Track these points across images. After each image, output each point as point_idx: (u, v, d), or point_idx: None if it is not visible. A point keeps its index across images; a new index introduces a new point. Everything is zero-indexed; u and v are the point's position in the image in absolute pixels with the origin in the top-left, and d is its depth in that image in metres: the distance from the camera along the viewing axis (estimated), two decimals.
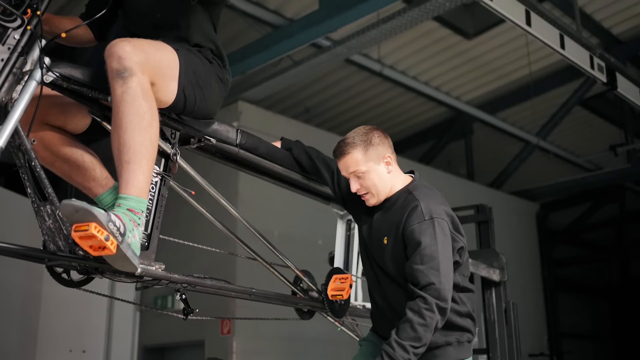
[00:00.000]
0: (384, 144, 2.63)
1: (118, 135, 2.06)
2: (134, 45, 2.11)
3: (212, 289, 2.54)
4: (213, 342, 6.55)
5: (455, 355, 2.54)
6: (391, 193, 2.64)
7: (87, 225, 1.86)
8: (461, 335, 2.54)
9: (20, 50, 1.91)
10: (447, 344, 2.52)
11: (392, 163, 2.64)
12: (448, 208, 2.60)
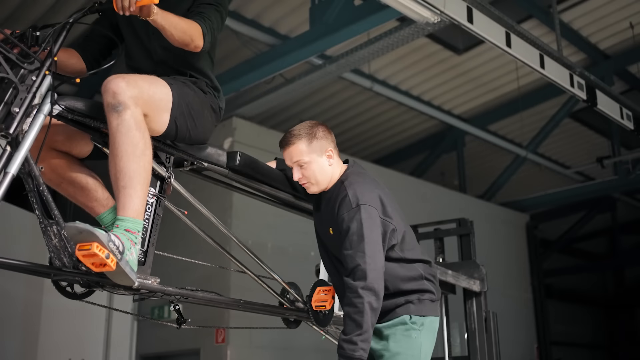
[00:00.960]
0: (327, 138, 2.85)
1: (115, 163, 2.29)
2: (127, 81, 2.33)
3: (203, 300, 2.75)
4: (208, 350, 6.75)
5: (418, 311, 2.72)
6: (330, 185, 2.86)
7: (89, 245, 2.09)
8: (421, 294, 2.74)
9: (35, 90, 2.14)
10: (408, 302, 2.72)
11: (333, 157, 2.85)
12: (378, 192, 2.78)
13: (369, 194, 2.74)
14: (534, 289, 11.53)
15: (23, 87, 2.12)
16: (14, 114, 2.09)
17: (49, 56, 2.21)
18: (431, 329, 2.78)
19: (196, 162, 2.77)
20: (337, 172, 2.86)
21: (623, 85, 10.81)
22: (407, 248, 2.80)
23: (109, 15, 2.81)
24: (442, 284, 4.44)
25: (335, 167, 2.85)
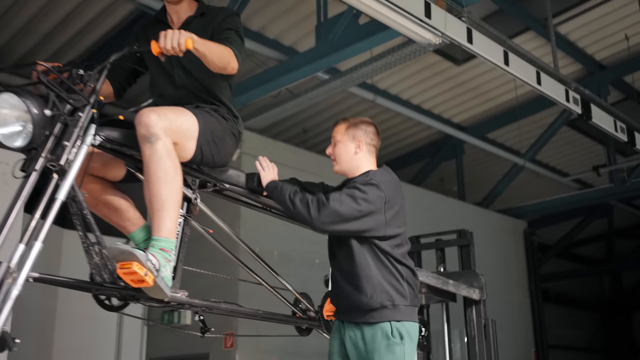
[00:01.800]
0: (366, 133, 3.17)
1: (149, 189, 2.54)
2: (158, 114, 2.58)
3: (226, 311, 3.00)
4: (217, 355, 6.97)
5: (392, 316, 2.90)
6: (352, 173, 3.14)
7: (130, 264, 2.33)
8: (394, 300, 2.91)
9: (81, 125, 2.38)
10: (383, 306, 2.89)
11: (361, 147, 3.14)
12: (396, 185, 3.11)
13: (386, 180, 3.06)
14: (532, 294, 11.75)
15: (72, 122, 2.36)
16: (63, 146, 2.33)
17: (92, 93, 2.45)
18: (412, 338, 2.96)
19: (218, 184, 3.01)
20: (363, 165, 3.15)
21: (619, 94, 11.05)
22: (398, 249, 3.01)
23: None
24: (443, 292, 4.69)
25: (361, 159, 3.15)
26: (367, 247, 2.94)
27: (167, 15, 3.09)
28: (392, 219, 2.98)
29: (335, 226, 2.89)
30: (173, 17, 3.06)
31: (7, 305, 2.11)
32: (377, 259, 2.93)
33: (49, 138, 2.33)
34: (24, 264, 2.19)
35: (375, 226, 2.93)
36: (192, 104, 2.90)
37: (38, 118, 2.28)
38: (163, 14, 3.12)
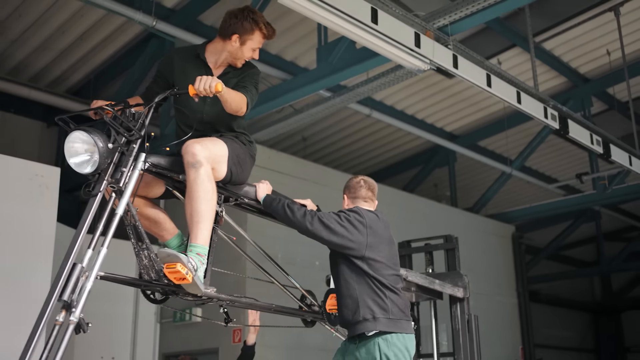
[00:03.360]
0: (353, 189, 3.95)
1: (191, 205, 3.14)
2: (201, 145, 3.19)
3: (246, 305, 3.60)
4: (226, 349, 7.53)
5: (373, 327, 3.44)
6: None
7: (175, 264, 2.94)
8: (374, 313, 3.47)
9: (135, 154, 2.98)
10: (365, 319, 3.47)
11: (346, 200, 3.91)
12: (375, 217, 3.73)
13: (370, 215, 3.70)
14: (519, 295, 12.30)
15: (127, 151, 2.97)
16: (121, 171, 2.94)
17: (142, 127, 3.05)
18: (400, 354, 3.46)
19: (239, 199, 3.62)
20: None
21: (602, 105, 11.63)
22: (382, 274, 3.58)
23: (167, 77, 3.65)
24: (431, 291, 5.29)
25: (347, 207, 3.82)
26: (353, 269, 3.57)
27: (205, 54, 3.65)
28: (374, 246, 3.58)
29: (323, 234, 3.51)
30: (211, 59, 3.64)
31: (82, 297, 2.71)
32: (361, 281, 3.54)
33: (110, 165, 2.93)
34: (94, 265, 2.78)
35: (356, 246, 3.55)
36: (217, 133, 3.51)
37: (103, 150, 2.88)
38: (202, 51, 3.66)
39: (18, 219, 6.12)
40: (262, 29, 3.59)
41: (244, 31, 3.54)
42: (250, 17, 3.56)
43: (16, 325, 5.87)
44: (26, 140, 10.08)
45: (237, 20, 3.55)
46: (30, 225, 6.16)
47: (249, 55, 3.61)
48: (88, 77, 9.65)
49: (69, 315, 2.68)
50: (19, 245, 6.09)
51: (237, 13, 3.57)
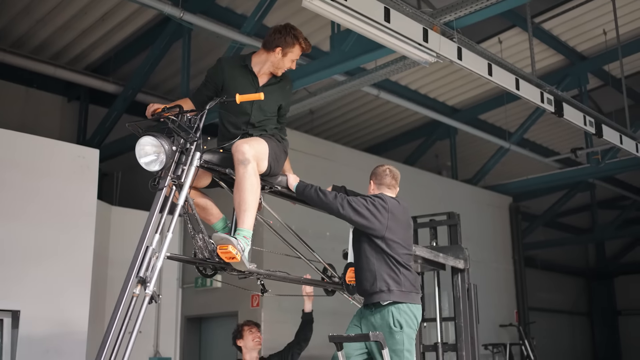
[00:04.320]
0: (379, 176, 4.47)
1: (239, 196, 3.72)
2: (250, 145, 3.77)
3: (279, 278, 4.21)
4: (245, 313, 8.14)
5: (388, 298, 4.10)
6: None
7: (227, 246, 3.54)
8: (389, 286, 4.13)
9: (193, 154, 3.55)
10: (381, 290, 4.12)
11: (374, 187, 4.45)
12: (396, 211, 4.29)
13: (392, 201, 4.29)
14: (515, 262, 12.93)
15: (186, 151, 3.54)
16: (182, 169, 3.51)
17: (198, 130, 3.61)
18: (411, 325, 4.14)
19: (274, 187, 4.21)
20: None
21: (597, 81, 12.12)
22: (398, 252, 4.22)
23: (217, 82, 4.20)
24: (435, 263, 5.89)
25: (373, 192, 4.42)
26: (373, 246, 4.20)
27: (251, 63, 4.21)
28: (393, 228, 4.19)
29: (351, 216, 4.12)
30: (255, 67, 4.20)
31: (154, 274, 3.31)
32: (380, 258, 4.18)
33: (172, 163, 3.51)
34: (162, 247, 3.37)
35: (378, 227, 4.16)
36: (258, 131, 4.09)
37: (168, 151, 3.46)
38: (249, 61, 4.22)
39: (63, 196, 6.75)
40: (301, 43, 4.17)
41: (286, 45, 4.12)
42: (292, 33, 4.14)
43: (62, 291, 6.56)
44: (48, 114, 10.61)
45: (281, 35, 4.13)
46: (74, 201, 6.79)
47: (288, 66, 4.20)
48: (107, 55, 10.12)
49: (144, 289, 3.27)
50: (64, 220, 6.74)
51: (280, 29, 4.16)
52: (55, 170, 6.77)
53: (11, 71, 9.75)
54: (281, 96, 4.22)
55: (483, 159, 13.42)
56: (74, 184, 6.84)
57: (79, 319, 6.60)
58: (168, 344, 8.76)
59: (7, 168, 6.57)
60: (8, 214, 6.48)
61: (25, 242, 6.51)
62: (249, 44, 7.84)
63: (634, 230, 18.59)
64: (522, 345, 12.02)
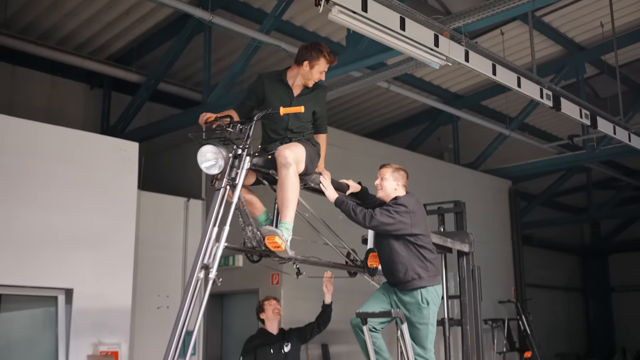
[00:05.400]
0: (403, 177, 5.08)
1: (282, 194, 4.36)
2: (290, 150, 4.41)
3: (311, 262, 4.88)
4: (265, 290, 8.81)
5: (419, 284, 4.82)
6: (388, 198, 5.03)
7: (274, 237, 4.20)
8: (420, 274, 4.84)
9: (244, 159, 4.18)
10: (413, 279, 4.83)
11: (398, 188, 5.05)
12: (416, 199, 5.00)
13: (410, 200, 4.94)
14: (513, 242, 13.60)
15: (239, 156, 4.17)
16: (236, 172, 4.15)
17: (248, 139, 4.24)
18: (435, 303, 4.89)
19: (308, 184, 4.84)
20: (396, 194, 5.05)
21: (594, 70, 12.68)
22: (423, 241, 4.94)
23: (259, 95, 4.82)
24: (442, 247, 6.54)
25: (397, 191, 5.05)
26: (401, 242, 4.88)
27: (286, 77, 4.84)
28: (416, 223, 4.87)
29: (378, 227, 4.84)
30: (290, 81, 4.83)
31: (216, 261, 3.96)
32: (408, 249, 4.86)
33: (228, 167, 4.14)
34: (221, 238, 4.01)
35: (404, 227, 4.85)
36: (296, 138, 4.71)
37: (225, 157, 4.09)
38: (285, 76, 4.85)
39: (108, 187, 7.47)
40: (325, 56, 4.76)
41: (312, 58, 4.73)
42: (317, 48, 4.75)
43: (109, 271, 7.31)
44: (72, 102, 11.18)
45: (307, 51, 4.74)
46: (118, 191, 7.50)
47: (317, 77, 4.80)
48: (130, 45, 10.66)
49: (208, 274, 3.93)
50: (110, 208, 7.46)
51: (307, 45, 4.79)
52: (101, 162, 7.53)
53: (38, 61, 10.32)
54: (314, 104, 4.84)
55: (485, 143, 13.92)
56: (117, 175, 7.56)
57: (123, 296, 7.37)
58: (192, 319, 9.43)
59: (60, 162, 7.35)
60: (62, 204, 7.25)
61: (77, 229, 7.28)
62: (267, 42, 8.44)
63: (629, 210, 19.29)
64: (519, 320, 12.75)
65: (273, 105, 4.68)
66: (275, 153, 4.46)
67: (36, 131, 7.26)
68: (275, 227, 4.40)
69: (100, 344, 7.16)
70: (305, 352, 8.85)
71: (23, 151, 7.11)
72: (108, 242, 7.38)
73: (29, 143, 7.17)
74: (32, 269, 6.85)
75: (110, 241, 7.40)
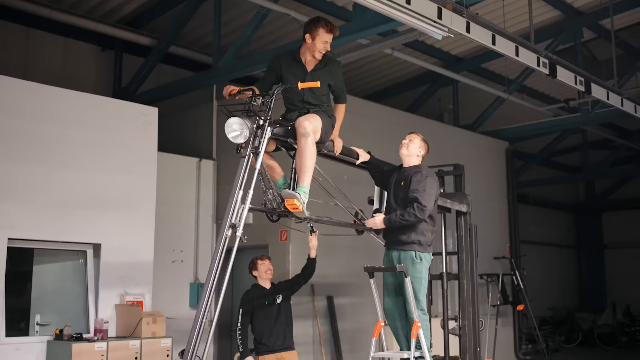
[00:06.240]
0: (425, 150, 5.71)
1: (301, 161, 4.84)
2: (309, 121, 4.87)
3: (323, 222, 5.38)
4: (274, 246, 9.35)
5: (417, 249, 5.43)
6: (409, 164, 5.56)
7: (293, 199, 4.69)
8: (420, 241, 5.43)
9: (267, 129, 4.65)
10: (413, 242, 5.41)
11: (420, 156, 5.64)
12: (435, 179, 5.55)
13: (433, 176, 5.52)
14: (509, 201, 14.11)
15: (261, 126, 4.63)
16: (259, 140, 4.61)
17: (269, 110, 4.69)
18: (427, 260, 5.53)
19: (322, 151, 5.30)
20: (416, 161, 5.63)
21: (591, 34, 13.01)
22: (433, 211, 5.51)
23: (276, 71, 5.26)
24: (443, 207, 7.00)
25: (418, 158, 5.62)
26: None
27: (300, 55, 5.27)
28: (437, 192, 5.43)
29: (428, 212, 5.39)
30: (302, 58, 5.26)
31: (242, 221, 4.45)
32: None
33: (252, 137, 4.61)
34: (246, 200, 4.50)
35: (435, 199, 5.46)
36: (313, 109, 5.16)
37: (250, 128, 4.55)
38: (297, 53, 5.29)
39: (130, 150, 7.98)
40: (323, 25, 5.17)
41: (311, 30, 5.18)
42: (314, 19, 5.22)
43: (133, 228, 7.87)
44: (85, 63, 11.54)
45: (307, 25, 5.24)
46: (139, 154, 8.00)
47: (321, 48, 5.20)
48: (140, 9, 10.96)
49: (235, 232, 4.43)
50: (132, 169, 8.00)
51: (307, 20, 5.22)
52: (125, 127, 8.10)
53: (51, 24, 10.65)
54: (328, 77, 5.27)
55: (484, 104, 14.27)
56: (139, 138, 8.06)
57: (146, 251, 7.96)
58: (205, 272, 10.03)
59: (88, 128, 7.94)
60: (89, 167, 7.86)
61: (103, 189, 7.89)
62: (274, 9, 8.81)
63: (623, 169, 19.76)
64: (513, 276, 13.33)
65: (289, 81, 5.13)
66: (295, 124, 4.91)
67: (63, 98, 7.80)
68: (293, 191, 4.89)
69: (126, 295, 7.75)
70: (312, 303, 9.45)
71: (60, 118, 7.71)
72: (132, 201, 7.94)
73: (63, 111, 7.77)
74: (63, 226, 7.43)
75: (133, 200, 7.96)
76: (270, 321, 6.76)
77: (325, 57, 5.30)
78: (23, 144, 7.35)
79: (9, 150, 7.25)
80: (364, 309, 10.00)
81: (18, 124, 7.34)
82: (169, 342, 7.57)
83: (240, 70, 9.50)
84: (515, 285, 13.38)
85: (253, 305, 6.78)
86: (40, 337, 7.22)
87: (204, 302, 4.35)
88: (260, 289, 6.95)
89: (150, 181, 8.15)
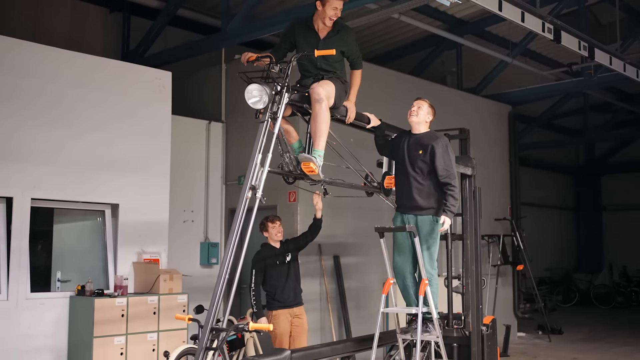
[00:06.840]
0: (432, 115, 5.96)
1: (315, 126, 5.06)
2: (322, 87, 5.07)
3: (337, 184, 5.62)
4: (283, 206, 9.60)
5: (433, 213, 5.77)
6: (421, 131, 5.77)
7: (309, 163, 4.93)
8: (436, 207, 5.76)
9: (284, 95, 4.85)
10: (431, 207, 5.73)
11: (428, 122, 5.90)
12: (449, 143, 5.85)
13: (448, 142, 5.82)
14: (511, 164, 14.35)
15: (279, 92, 4.84)
16: (277, 106, 4.83)
17: (287, 77, 4.89)
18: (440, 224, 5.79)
19: (334, 116, 5.52)
20: (425, 128, 5.91)
21: None
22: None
23: (291, 39, 5.44)
24: None
25: (427, 124, 5.92)
26: (434, 177, 5.68)
27: (313, 23, 5.44)
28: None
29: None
30: (315, 26, 5.43)
31: (261, 183, 4.70)
32: (437, 184, 5.70)
33: (270, 103, 4.82)
34: (265, 163, 4.73)
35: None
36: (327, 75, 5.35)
37: (269, 94, 4.76)
38: (311, 22, 5.46)
39: (146, 113, 8.19)
40: None
41: None
42: None
43: (149, 189, 8.14)
44: (92, 26, 11.63)
45: None
46: (154, 117, 8.21)
47: (332, 14, 5.38)
48: None
49: (255, 194, 4.67)
50: (148, 132, 8.22)
51: None
52: (140, 91, 8.32)
53: None
54: (341, 44, 5.46)
55: (488, 67, 14.38)
56: (153, 102, 8.27)
57: (161, 211, 8.25)
58: (215, 231, 10.35)
59: (106, 92, 8.15)
60: (107, 129, 8.11)
61: (120, 151, 8.14)
62: None
63: (623, 133, 19.97)
64: (513, 237, 13.65)
65: (303, 49, 5.33)
66: (309, 90, 5.12)
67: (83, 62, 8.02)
68: (309, 154, 5.12)
69: (144, 253, 8.04)
70: (319, 262, 9.76)
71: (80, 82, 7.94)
72: (147, 163, 8.19)
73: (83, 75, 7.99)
74: (82, 187, 7.69)
75: (149, 162, 8.21)
76: (281, 279, 7.07)
77: (337, 24, 5.47)
78: (45, 108, 7.57)
79: (31, 113, 7.47)
80: (369, 268, 10.33)
81: (39, 88, 7.54)
82: (185, 298, 7.89)
83: (249, 33, 9.61)
84: (515, 246, 13.71)
85: (265, 264, 7.06)
86: (62, 292, 7.53)
87: (227, 261, 4.58)
88: (271, 248, 7.23)
89: (165, 143, 8.39)
